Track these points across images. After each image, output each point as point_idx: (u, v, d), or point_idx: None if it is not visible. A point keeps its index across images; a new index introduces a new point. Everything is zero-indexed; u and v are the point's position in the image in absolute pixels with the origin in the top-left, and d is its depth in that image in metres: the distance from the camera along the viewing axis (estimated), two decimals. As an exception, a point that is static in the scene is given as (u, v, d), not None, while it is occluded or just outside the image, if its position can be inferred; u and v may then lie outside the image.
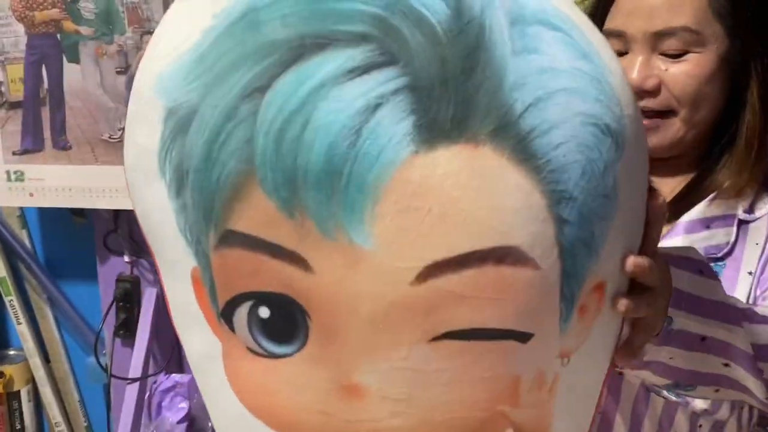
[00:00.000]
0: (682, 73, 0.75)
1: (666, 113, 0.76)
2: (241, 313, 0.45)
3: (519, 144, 0.41)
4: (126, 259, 1.49)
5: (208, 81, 0.42)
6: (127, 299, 1.49)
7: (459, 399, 0.44)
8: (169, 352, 1.52)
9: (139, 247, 1.47)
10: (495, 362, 0.44)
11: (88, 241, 1.52)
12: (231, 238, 0.43)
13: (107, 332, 1.52)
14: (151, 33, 1.43)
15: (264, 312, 0.44)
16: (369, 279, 0.41)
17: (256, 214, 0.42)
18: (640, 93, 0.75)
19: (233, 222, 0.43)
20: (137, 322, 1.48)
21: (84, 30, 1.41)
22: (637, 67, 0.74)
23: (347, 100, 0.39)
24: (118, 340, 1.52)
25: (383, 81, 0.39)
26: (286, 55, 0.40)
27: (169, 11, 0.47)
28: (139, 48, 1.45)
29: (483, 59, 0.40)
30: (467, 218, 0.40)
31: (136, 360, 1.45)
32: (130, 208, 0.51)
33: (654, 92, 0.75)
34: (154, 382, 1.48)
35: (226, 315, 0.46)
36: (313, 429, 0.46)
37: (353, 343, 0.43)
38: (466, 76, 0.40)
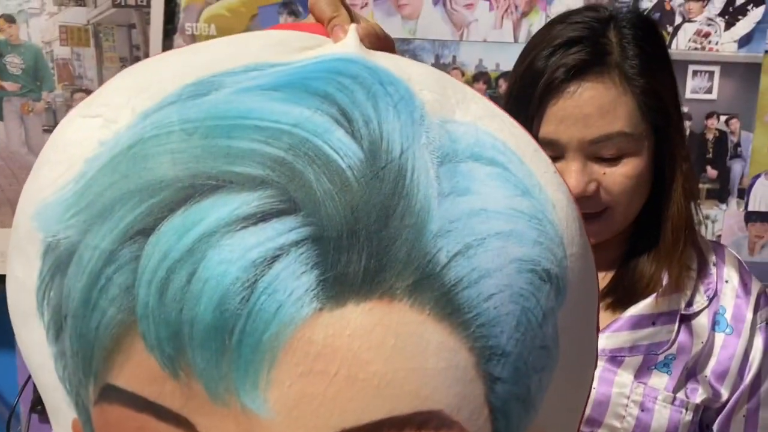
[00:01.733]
0: (620, 175, 0.75)
1: (602, 211, 0.78)
2: None
3: (443, 297, 0.36)
4: (47, 328, 1.40)
5: (89, 218, 0.37)
6: (47, 372, 1.40)
7: None
8: (90, 430, 1.41)
9: (61, 317, 1.39)
10: None
11: (5, 309, 1.42)
12: (111, 394, 0.37)
13: (23, 408, 1.42)
14: (83, 90, 1.37)
15: None
16: None
17: (139, 370, 0.36)
18: (580, 199, 0.74)
19: (114, 376, 0.37)
20: (57, 396, 1.38)
21: (9, 85, 1.34)
22: (574, 174, 0.74)
23: (240, 250, 0.34)
24: (35, 417, 1.42)
25: (283, 231, 0.34)
26: (174, 196, 0.35)
27: (59, 127, 0.42)
28: (70, 106, 1.39)
29: (402, 206, 0.36)
30: (381, 382, 0.35)
31: (54, 439, 1.35)
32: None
33: (593, 196, 0.75)
34: (73, 463, 1.37)
35: None
36: None
37: None
38: (380, 225, 0.35)
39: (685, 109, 1.49)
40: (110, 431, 0.39)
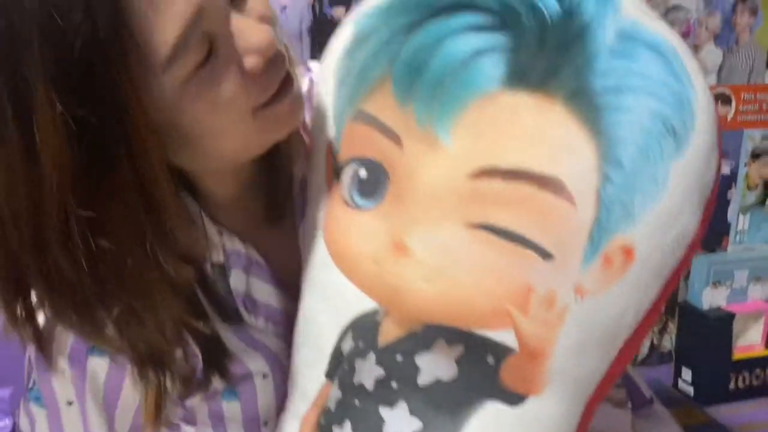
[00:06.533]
0: (262, 4, 0.58)
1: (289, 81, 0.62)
2: (348, 172, 0.58)
3: (590, 110, 0.50)
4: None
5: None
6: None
7: (476, 283, 0.53)
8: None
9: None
10: (515, 264, 0.52)
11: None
12: (360, 116, 0.57)
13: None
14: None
15: (363, 173, 0.57)
16: (440, 164, 0.53)
17: (382, 102, 0.56)
18: (270, 66, 0.58)
19: (366, 105, 0.57)
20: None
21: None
22: (257, 24, 0.57)
23: (463, 44, 0.51)
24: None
25: (493, 40, 0.51)
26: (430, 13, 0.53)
27: None
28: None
29: (580, 44, 0.50)
30: (527, 146, 0.51)
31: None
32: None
33: (279, 54, 0.59)
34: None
35: (337, 172, 0.59)
36: (365, 274, 0.57)
37: (413, 209, 0.54)
38: (561, 50, 0.50)
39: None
40: (349, 142, 0.59)
